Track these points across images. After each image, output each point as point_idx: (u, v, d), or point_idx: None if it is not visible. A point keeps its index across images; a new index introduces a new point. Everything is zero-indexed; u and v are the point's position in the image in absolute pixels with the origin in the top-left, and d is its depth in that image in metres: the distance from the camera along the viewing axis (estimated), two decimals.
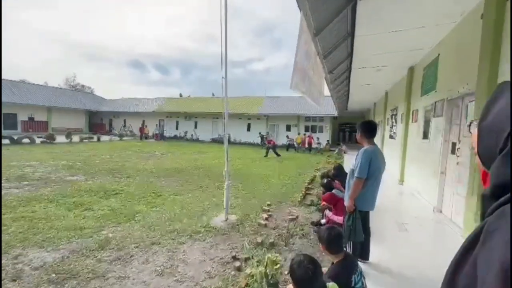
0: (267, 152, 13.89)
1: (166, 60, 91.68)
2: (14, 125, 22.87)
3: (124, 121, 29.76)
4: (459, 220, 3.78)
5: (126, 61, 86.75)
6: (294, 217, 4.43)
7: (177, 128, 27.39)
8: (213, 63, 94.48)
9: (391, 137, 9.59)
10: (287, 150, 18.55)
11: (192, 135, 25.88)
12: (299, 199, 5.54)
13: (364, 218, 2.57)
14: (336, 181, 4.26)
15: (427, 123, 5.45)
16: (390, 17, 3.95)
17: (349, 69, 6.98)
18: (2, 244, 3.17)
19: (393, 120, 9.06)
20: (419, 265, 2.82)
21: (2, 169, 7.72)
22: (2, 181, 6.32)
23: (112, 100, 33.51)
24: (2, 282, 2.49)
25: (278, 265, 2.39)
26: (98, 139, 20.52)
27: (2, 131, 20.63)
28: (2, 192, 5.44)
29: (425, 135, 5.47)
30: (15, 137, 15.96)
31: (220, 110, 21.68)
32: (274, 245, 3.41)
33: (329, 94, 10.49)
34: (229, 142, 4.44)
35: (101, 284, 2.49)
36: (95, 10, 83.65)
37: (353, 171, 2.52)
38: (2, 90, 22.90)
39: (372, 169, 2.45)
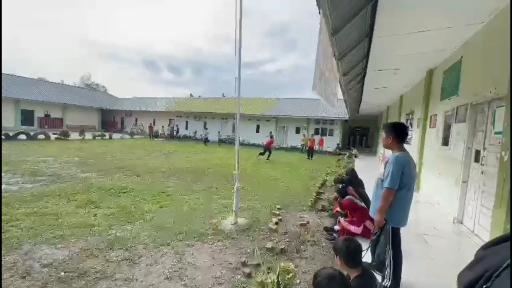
0: (268, 155, 13.21)
1: (179, 60, 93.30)
2: (31, 121, 23.65)
3: (136, 119, 30.29)
4: (483, 233, 3.55)
5: (139, 61, 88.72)
6: (305, 222, 4.29)
7: (186, 128, 27.63)
8: (224, 64, 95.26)
9: (406, 142, 9.27)
10: (302, 152, 18.32)
11: (201, 135, 26.03)
12: (310, 204, 5.39)
13: (394, 235, 2.27)
14: (350, 187, 4.10)
15: (447, 128, 5.19)
16: (412, 17, 3.78)
17: (363, 72, 6.78)
18: (11, 240, 3.19)
19: (409, 125, 8.76)
20: (442, 281, 2.63)
21: (18, 164, 7.93)
22: (17, 175, 6.47)
23: (124, 99, 34.22)
24: (12, 278, 2.48)
25: (291, 274, 2.27)
26: (110, 137, 20.95)
27: (20, 126, 21.44)
28: (16, 186, 5.55)
29: (445, 142, 5.22)
30: (32, 133, 16.47)
31: (229, 111, 21.88)
32: (285, 251, 3.29)
33: (341, 96, 10.28)
34: (239, 143, 4.35)
35: (108, 285, 2.44)
36: (111, 11, 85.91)
37: (382, 181, 2.26)
38: (21, 87, 23.83)
39: (405, 179, 2.16)
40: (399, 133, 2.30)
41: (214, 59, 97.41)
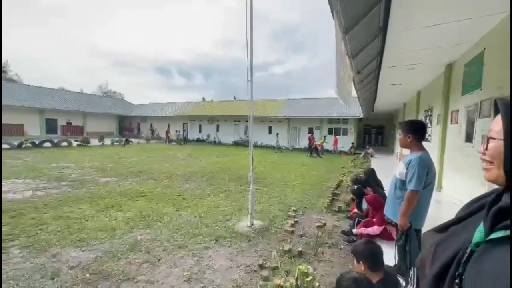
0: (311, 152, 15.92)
1: (189, 65, 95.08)
2: (55, 130, 24.98)
3: (151, 124, 31.17)
4: None
5: (153, 68, 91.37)
6: (322, 224, 4.22)
7: (200, 131, 28.09)
8: (233, 67, 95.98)
9: (425, 139, 8.92)
10: (310, 154, 18.14)
11: (214, 138, 26.38)
12: (326, 205, 5.31)
13: (417, 237, 2.19)
14: (368, 188, 4.00)
15: (470, 124, 4.95)
16: (429, 10, 3.65)
17: (378, 69, 6.61)
18: (41, 243, 3.37)
19: (428, 122, 8.43)
20: None
21: (44, 170, 8.38)
22: (43, 181, 6.84)
23: (140, 105, 35.34)
24: (42, 279, 2.61)
25: (310, 278, 2.24)
26: (127, 142, 21.65)
27: (46, 135, 22.65)
28: (43, 192, 5.86)
29: (469, 138, 4.97)
30: (55, 141, 17.37)
31: (241, 113, 22.09)
32: (302, 254, 3.25)
33: (355, 95, 10.07)
34: (252, 145, 4.37)
35: (131, 287, 2.52)
36: (126, 22, 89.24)
37: (401, 181, 2.17)
38: (45, 97, 25.22)
39: (428, 180, 2.09)
40: (418, 131, 2.18)
41: (223, 63, 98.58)
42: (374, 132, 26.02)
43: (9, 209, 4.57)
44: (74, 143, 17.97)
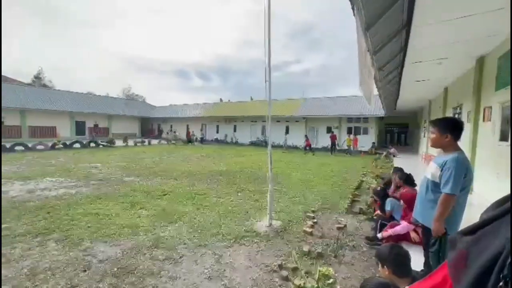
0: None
1: (207, 67, 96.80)
2: (83, 131, 26.58)
3: (171, 126, 32.19)
4: None
5: (172, 71, 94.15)
6: (342, 226, 4.12)
7: (217, 132, 28.54)
8: (250, 68, 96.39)
9: None
10: (331, 153, 17.87)
11: (231, 138, 26.68)
12: (346, 207, 5.17)
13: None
14: (393, 188, 3.84)
15: (505, 122, 4.59)
16: (457, 1, 3.44)
17: (401, 65, 6.33)
18: (73, 237, 3.60)
19: None
20: None
21: (74, 169, 8.95)
22: (75, 180, 7.31)
23: (160, 107, 36.63)
24: (75, 271, 2.79)
25: (332, 280, 2.20)
26: (149, 143, 22.54)
27: (75, 136, 24.16)
28: (74, 190, 6.26)
29: (504, 136, 4.61)
30: (84, 142, 18.48)
31: (258, 114, 22.20)
32: (322, 255, 3.20)
33: (376, 92, 9.72)
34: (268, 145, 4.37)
35: (155, 282, 2.62)
36: (146, 27, 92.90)
37: (434, 183, 2.03)
38: (74, 101, 26.90)
39: (466, 182, 1.95)
40: (456, 130, 2.01)
41: (240, 64, 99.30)
42: (396, 131, 24.95)
43: (45, 205, 4.94)
44: (101, 144, 19.01)
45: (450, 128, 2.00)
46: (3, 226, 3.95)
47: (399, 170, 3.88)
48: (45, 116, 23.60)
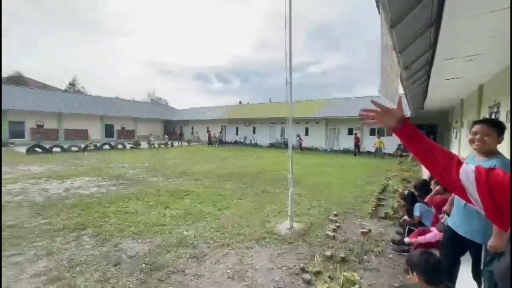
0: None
1: (226, 70, 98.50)
2: (112, 134, 28.19)
3: (192, 128, 33.13)
4: None
5: (193, 74, 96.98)
6: (366, 230, 3.98)
7: (237, 134, 28.85)
8: (269, 70, 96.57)
9: None
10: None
11: (250, 140, 26.85)
12: (370, 211, 4.99)
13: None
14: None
15: None
16: None
17: (430, 63, 5.98)
18: (105, 233, 3.84)
19: None
20: None
21: (105, 170, 9.53)
22: (105, 179, 7.78)
23: (182, 110, 37.87)
24: (107, 265, 2.98)
25: (357, 286, 2.14)
26: (172, 145, 23.36)
27: (104, 138, 25.70)
28: (104, 189, 6.67)
29: None
30: (112, 144, 19.62)
31: (277, 115, 22.14)
32: (346, 260, 3.12)
33: (402, 92, 9.29)
34: (288, 146, 4.35)
35: (181, 279, 2.72)
36: (168, 33, 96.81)
37: None
38: (104, 106, 28.68)
39: None
40: (503, 132, 1.85)
41: (259, 66, 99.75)
42: (424, 132, 23.39)
43: (80, 203, 5.31)
44: (128, 146, 20.05)
45: (502, 130, 1.86)
46: (45, 220, 4.32)
47: (406, 192, 3.69)
48: (78, 119, 25.40)
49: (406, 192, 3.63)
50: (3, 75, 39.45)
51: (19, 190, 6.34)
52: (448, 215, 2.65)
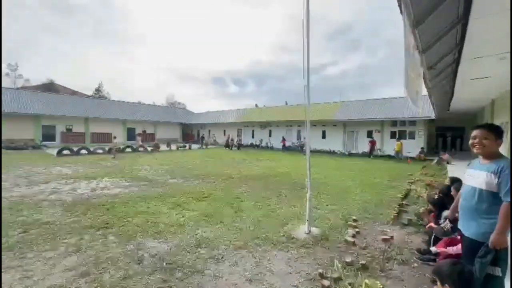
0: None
1: (242, 73, 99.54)
2: (133, 137, 29.42)
3: (209, 131, 33.76)
4: None
5: (210, 78, 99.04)
6: (389, 237, 3.83)
7: (253, 137, 28.99)
8: (284, 72, 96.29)
9: None
10: (369, 157, 16.93)
11: (267, 143, 26.86)
12: (392, 217, 4.80)
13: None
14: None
15: None
16: None
17: (456, 62, 5.70)
18: (128, 232, 4.01)
19: None
20: None
21: (127, 171, 9.96)
22: (128, 180, 8.12)
23: (199, 114, 38.76)
24: (131, 263, 3.10)
25: None
26: (189, 147, 23.95)
27: (127, 141, 26.86)
28: (127, 189, 6.96)
29: None
30: (134, 146, 20.45)
31: (292, 118, 22.03)
32: (367, 267, 3.02)
33: (425, 93, 8.91)
34: (304, 150, 4.31)
35: (200, 280, 2.77)
36: (187, 39, 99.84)
37: (491, 193, 1.87)
38: (127, 110, 30.05)
39: None
40: (501, 135, 2.01)
41: (274, 69, 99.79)
42: (450, 135, 22.30)
43: (105, 203, 5.59)
44: (148, 149, 20.81)
45: (500, 134, 2.01)
46: (74, 218, 4.59)
47: (456, 180, 3.48)
48: (103, 123, 26.83)
49: (436, 196, 3.44)
50: (37, 83, 42.66)
51: (51, 190, 6.79)
52: (450, 221, 2.68)
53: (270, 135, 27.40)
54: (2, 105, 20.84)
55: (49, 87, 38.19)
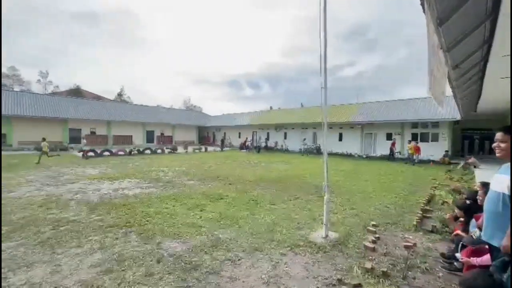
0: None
1: (257, 76, 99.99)
2: (152, 139, 30.49)
3: (224, 133, 34.17)
4: None
5: (225, 81, 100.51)
6: (411, 244, 3.67)
7: (268, 139, 28.97)
8: (299, 74, 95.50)
9: None
10: (388, 159, 16.32)
11: (282, 145, 26.73)
12: (415, 223, 4.59)
13: None
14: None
15: None
16: None
17: (484, 60, 5.39)
18: (148, 232, 4.14)
19: None
20: None
21: (147, 172, 10.31)
22: (147, 181, 8.40)
23: (215, 116, 39.39)
24: (152, 262, 3.20)
25: None
26: (205, 149, 24.37)
27: (146, 144, 27.83)
28: (147, 190, 7.20)
29: None
30: (153, 148, 21.17)
31: (308, 120, 21.75)
32: (388, 275, 2.91)
33: (450, 93, 8.48)
34: (321, 152, 4.24)
35: (217, 281, 2.81)
36: (203, 43, 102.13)
37: (510, 197, 1.79)
38: (146, 113, 31.17)
39: None
40: None
41: (289, 71, 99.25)
42: (477, 138, 21.00)
43: (126, 203, 5.82)
44: (166, 151, 21.44)
45: None
46: (98, 217, 4.82)
47: (485, 185, 3.27)
48: (124, 126, 28.02)
49: (468, 201, 3.25)
50: (65, 88, 45.38)
51: (77, 189, 7.18)
52: (480, 229, 2.54)
53: (285, 138, 27.24)
54: (37, 109, 22.52)
55: (76, 93, 40.55)
